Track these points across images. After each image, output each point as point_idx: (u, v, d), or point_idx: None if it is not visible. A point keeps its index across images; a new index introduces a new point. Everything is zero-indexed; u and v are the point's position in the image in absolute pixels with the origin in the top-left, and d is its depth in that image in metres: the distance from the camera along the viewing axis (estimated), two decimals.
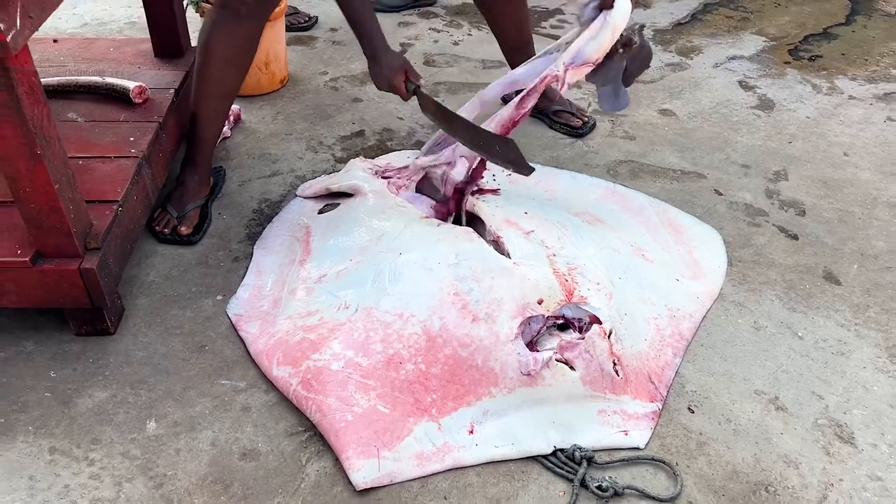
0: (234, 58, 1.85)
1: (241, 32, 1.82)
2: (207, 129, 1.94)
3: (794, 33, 3.07)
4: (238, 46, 1.84)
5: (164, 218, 1.92)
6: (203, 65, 1.86)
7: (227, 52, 1.83)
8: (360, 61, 2.77)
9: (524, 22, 2.27)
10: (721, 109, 2.55)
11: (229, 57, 1.84)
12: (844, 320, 1.72)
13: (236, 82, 1.91)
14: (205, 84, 1.89)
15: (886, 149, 2.34)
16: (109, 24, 3.01)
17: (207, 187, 2.01)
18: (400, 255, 1.64)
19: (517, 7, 2.24)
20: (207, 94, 1.90)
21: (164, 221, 1.91)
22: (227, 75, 1.87)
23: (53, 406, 1.49)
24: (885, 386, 1.57)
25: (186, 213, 1.92)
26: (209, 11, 1.88)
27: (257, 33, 1.87)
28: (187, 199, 1.94)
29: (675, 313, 1.67)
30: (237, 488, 1.35)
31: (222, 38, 1.82)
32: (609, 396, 1.48)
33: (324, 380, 1.48)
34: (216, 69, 1.85)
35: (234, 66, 1.86)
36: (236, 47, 1.84)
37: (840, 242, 1.95)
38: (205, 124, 1.93)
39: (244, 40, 1.84)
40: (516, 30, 2.28)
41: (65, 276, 1.49)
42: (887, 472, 1.40)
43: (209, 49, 1.83)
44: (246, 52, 1.87)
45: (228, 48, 1.83)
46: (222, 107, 1.95)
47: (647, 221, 1.95)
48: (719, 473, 1.40)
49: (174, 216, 1.91)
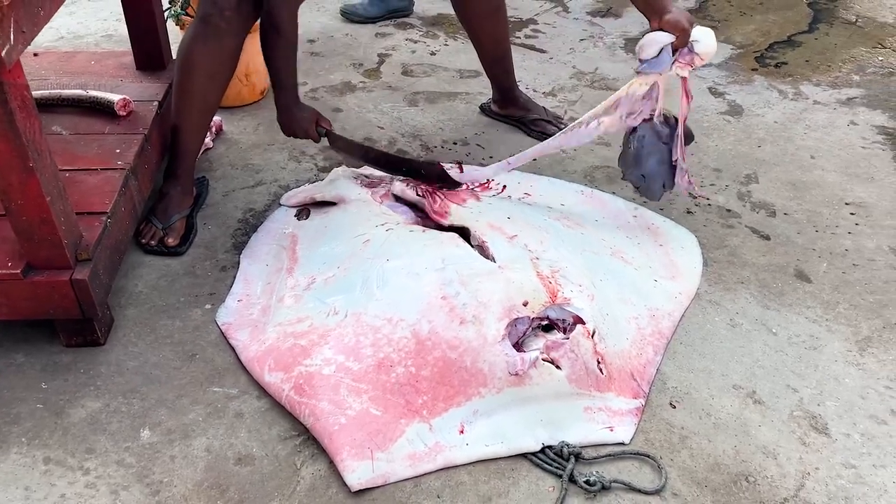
0: (215, 72, 1.87)
1: (221, 47, 1.85)
2: (189, 142, 1.96)
3: (760, 41, 3.17)
4: (219, 61, 1.86)
5: (149, 230, 1.93)
6: (183, 79, 1.87)
7: (208, 67, 1.85)
8: (340, 72, 2.81)
9: (502, 35, 2.34)
10: (692, 115, 2.61)
11: (210, 71, 1.86)
12: (816, 316, 1.79)
13: (217, 96, 1.93)
14: (185, 98, 1.90)
15: (850, 151, 2.43)
16: (86, 37, 3.01)
17: (191, 198, 2.02)
18: (387, 260, 1.67)
19: (495, 22, 2.30)
20: (188, 108, 1.92)
21: (150, 234, 1.93)
22: (208, 89, 1.89)
23: (46, 417, 1.50)
24: (855, 378, 1.64)
25: (172, 224, 1.94)
26: (189, 26, 1.90)
27: (238, 48, 1.90)
28: (172, 211, 1.95)
29: (655, 313, 1.73)
30: (233, 493, 1.38)
31: (203, 53, 1.84)
32: (594, 394, 1.53)
33: (316, 384, 1.51)
34: (197, 84, 1.87)
35: (214, 80, 1.89)
36: (217, 62, 1.86)
37: (809, 242, 2.03)
38: (186, 137, 1.95)
39: (225, 55, 1.87)
40: (494, 43, 2.34)
41: (56, 287, 1.51)
42: (860, 459, 1.46)
43: (190, 63, 1.85)
44: (227, 66, 1.89)
45: (209, 63, 1.85)
46: (203, 120, 1.97)
47: (625, 225, 2.01)
48: (701, 466, 1.45)
49: (160, 227, 1.93)
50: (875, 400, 1.58)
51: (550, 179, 2.23)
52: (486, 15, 2.26)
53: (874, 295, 1.85)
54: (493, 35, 2.32)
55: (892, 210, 2.16)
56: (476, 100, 2.66)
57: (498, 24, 2.30)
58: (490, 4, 2.26)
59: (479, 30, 2.32)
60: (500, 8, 2.29)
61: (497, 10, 2.29)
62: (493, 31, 2.31)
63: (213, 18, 1.81)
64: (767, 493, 1.40)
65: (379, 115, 2.56)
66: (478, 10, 2.26)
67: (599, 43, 3.13)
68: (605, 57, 3.01)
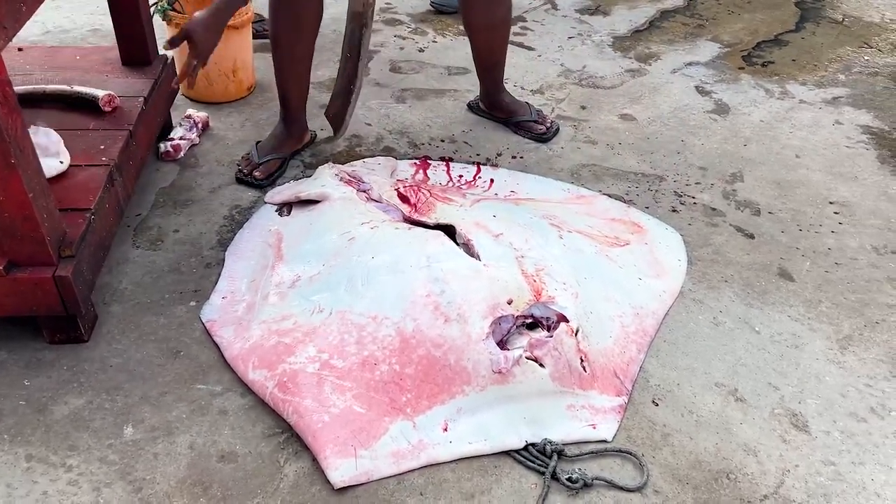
0: (297, 24, 2.02)
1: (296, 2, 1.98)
2: (287, 90, 2.17)
3: (748, 40, 3.19)
4: (299, 14, 2.00)
5: (247, 160, 2.19)
6: (273, 31, 2.05)
7: (290, 19, 2.00)
8: (327, 68, 2.81)
9: (498, 48, 2.38)
10: (679, 114, 2.64)
11: (293, 24, 2.01)
12: (798, 315, 1.81)
13: (305, 47, 2.11)
14: (276, 49, 2.09)
15: (835, 151, 2.44)
16: (72, 31, 3.00)
17: (296, 143, 2.27)
18: (372, 258, 1.68)
19: (493, 35, 2.34)
20: (280, 59, 2.11)
21: (246, 162, 2.18)
22: (293, 41, 2.06)
23: (28, 414, 1.50)
24: (836, 376, 1.65)
25: (266, 160, 2.17)
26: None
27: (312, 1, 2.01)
28: (270, 150, 2.19)
29: (639, 311, 1.74)
30: (216, 490, 1.38)
31: (284, 5, 1.99)
32: (577, 392, 1.53)
33: (300, 382, 1.51)
34: (283, 36, 2.04)
35: (299, 31, 2.05)
36: (297, 15, 2.00)
37: (793, 241, 2.04)
38: (284, 86, 2.17)
39: (305, 7, 1.99)
40: (488, 53, 2.38)
41: (39, 284, 1.50)
42: (839, 457, 1.48)
43: (276, 16, 2.03)
44: (309, 18, 2.03)
45: (291, 15, 2.00)
46: (296, 70, 2.14)
47: (610, 223, 2.02)
48: (683, 463, 1.46)
49: (255, 160, 2.17)
50: (855, 398, 1.60)
51: (537, 177, 2.24)
52: (486, 28, 2.30)
53: (856, 294, 1.87)
54: (489, 46, 2.36)
55: (875, 209, 2.17)
56: (464, 97, 2.66)
57: (495, 37, 2.34)
58: (492, 18, 2.28)
59: (476, 38, 2.35)
60: (501, 23, 2.31)
61: (497, 25, 2.30)
62: (490, 43, 2.35)
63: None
64: (748, 490, 1.41)
65: (366, 111, 2.56)
66: (479, 22, 2.29)
67: (588, 41, 3.14)
68: (593, 55, 3.02)
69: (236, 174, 2.17)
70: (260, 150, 2.19)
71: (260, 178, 2.14)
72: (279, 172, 2.19)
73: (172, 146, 2.24)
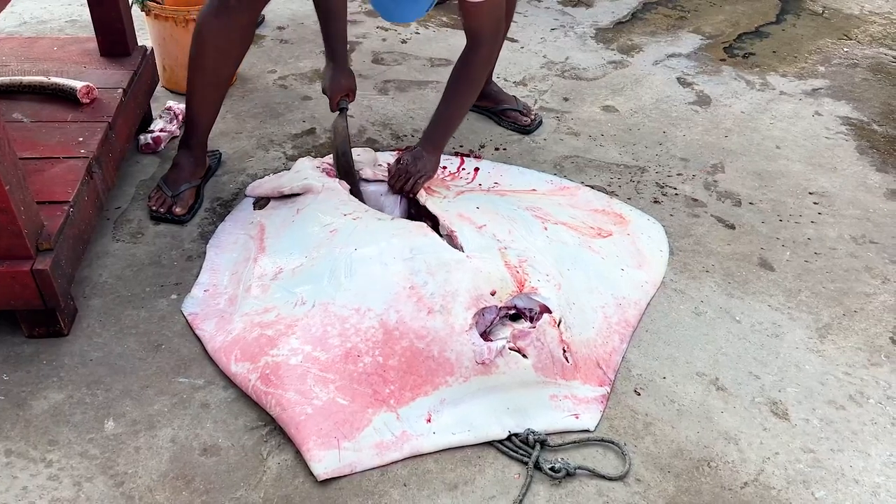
0: (226, 48, 1.88)
1: (232, 23, 1.83)
2: (201, 114, 1.99)
3: (729, 32, 3.20)
4: (230, 37, 1.86)
5: (159, 197, 1.99)
6: (196, 53, 1.88)
7: (219, 43, 1.85)
8: (309, 59, 2.79)
9: None
10: (661, 105, 2.65)
11: (222, 47, 1.87)
12: (778, 304, 1.82)
13: (229, 71, 1.95)
14: (197, 72, 1.91)
15: (814, 142, 2.47)
16: (49, 22, 2.96)
17: (202, 169, 2.08)
18: (355, 250, 1.67)
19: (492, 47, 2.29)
20: (200, 82, 1.93)
21: (159, 200, 1.99)
22: (219, 65, 1.91)
23: (7, 409, 1.48)
24: (815, 364, 1.67)
25: (181, 193, 1.99)
26: (205, 1, 1.88)
27: (251, 23, 1.89)
28: (182, 180, 2.01)
29: (622, 301, 1.75)
30: (199, 483, 1.37)
31: (215, 27, 1.83)
32: (560, 382, 1.54)
33: (282, 374, 1.50)
34: (209, 59, 1.88)
35: (226, 56, 1.90)
36: (228, 38, 1.86)
37: (773, 231, 2.06)
38: (198, 110, 1.98)
39: (236, 32, 1.86)
40: None
41: (17, 277, 1.48)
42: (818, 444, 1.50)
43: (202, 38, 1.85)
44: (239, 42, 1.89)
45: (221, 38, 1.85)
46: (215, 94, 1.99)
47: (592, 214, 2.02)
48: (665, 452, 1.47)
49: (169, 195, 1.98)
50: (834, 386, 1.62)
51: (520, 169, 2.24)
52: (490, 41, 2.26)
53: (835, 283, 1.89)
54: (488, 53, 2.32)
55: (854, 199, 2.20)
56: None
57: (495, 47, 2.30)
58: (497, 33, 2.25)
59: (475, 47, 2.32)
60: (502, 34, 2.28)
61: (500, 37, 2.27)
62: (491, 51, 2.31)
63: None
64: (728, 477, 1.42)
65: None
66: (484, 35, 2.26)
67: (570, 32, 3.14)
68: (575, 46, 3.02)
69: (150, 214, 1.97)
70: (170, 185, 2.00)
71: (181, 213, 1.96)
72: (198, 203, 2.02)
73: (153, 138, 2.22)
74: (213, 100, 1.99)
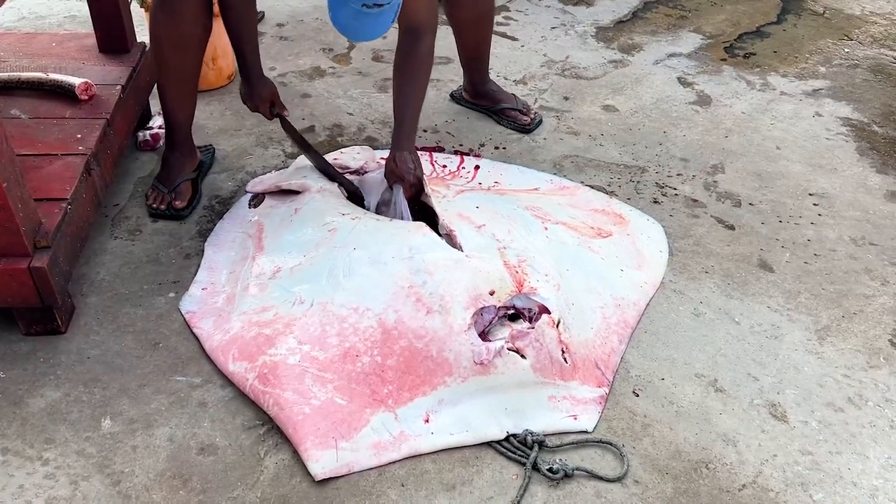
0: (179, 42, 1.83)
1: (180, 15, 1.79)
2: (174, 112, 1.96)
3: (730, 31, 3.19)
4: (180, 31, 1.81)
5: (156, 195, 1.98)
6: (154, 52, 1.86)
7: (171, 37, 1.82)
8: (308, 56, 2.78)
9: (483, 39, 2.37)
10: (661, 105, 2.64)
11: (175, 42, 1.82)
12: (777, 306, 1.82)
13: (192, 66, 1.90)
14: (161, 70, 1.90)
15: (815, 142, 2.46)
16: (48, 17, 2.95)
17: (193, 161, 2.06)
18: (354, 249, 1.67)
19: (479, 27, 2.33)
20: (166, 79, 1.91)
21: (157, 198, 1.97)
22: (179, 60, 1.87)
23: (4, 407, 1.48)
24: (814, 367, 1.67)
25: (177, 187, 1.98)
26: None
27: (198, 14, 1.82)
28: (175, 176, 1.99)
29: (620, 302, 1.74)
30: (196, 482, 1.37)
31: (164, 22, 1.80)
32: (558, 383, 1.54)
33: (280, 374, 1.50)
34: (167, 55, 1.84)
35: (183, 50, 1.84)
36: (178, 32, 1.81)
37: (773, 232, 2.06)
38: (172, 107, 1.95)
39: (186, 23, 1.80)
40: (475, 45, 2.37)
41: (14, 275, 1.48)
42: (817, 447, 1.49)
43: (155, 35, 1.83)
44: (192, 35, 1.83)
45: (171, 32, 1.81)
46: (184, 90, 1.95)
47: (592, 214, 2.02)
48: (663, 453, 1.47)
49: (165, 192, 1.97)
50: (833, 388, 1.62)
51: (520, 168, 2.24)
52: (472, 21, 2.29)
53: (834, 285, 1.89)
54: (475, 39, 2.35)
55: (854, 201, 2.19)
56: (447, 87, 2.65)
57: (481, 29, 2.33)
58: (477, 11, 2.27)
59: (463, 33, 2.34)
60: (486, 14, 2.31)
61: (483, 16, 2.30)
62: (476, 35, 2.34)
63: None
64: (726, 479, 1.42)
65: (348, 101, 2.54)
66: (465, 16, 2.28)
67: (571, 31, 3.13)
68: (576, 45, 3.02)
69: (149, 212, 1.97)
70: (165, 182, 1.99)
71: (181, 206, 1.96)
72: (197, 197, 2.02)
73: (151, 135, 2.21)
74: (184, 94, 1.96)
